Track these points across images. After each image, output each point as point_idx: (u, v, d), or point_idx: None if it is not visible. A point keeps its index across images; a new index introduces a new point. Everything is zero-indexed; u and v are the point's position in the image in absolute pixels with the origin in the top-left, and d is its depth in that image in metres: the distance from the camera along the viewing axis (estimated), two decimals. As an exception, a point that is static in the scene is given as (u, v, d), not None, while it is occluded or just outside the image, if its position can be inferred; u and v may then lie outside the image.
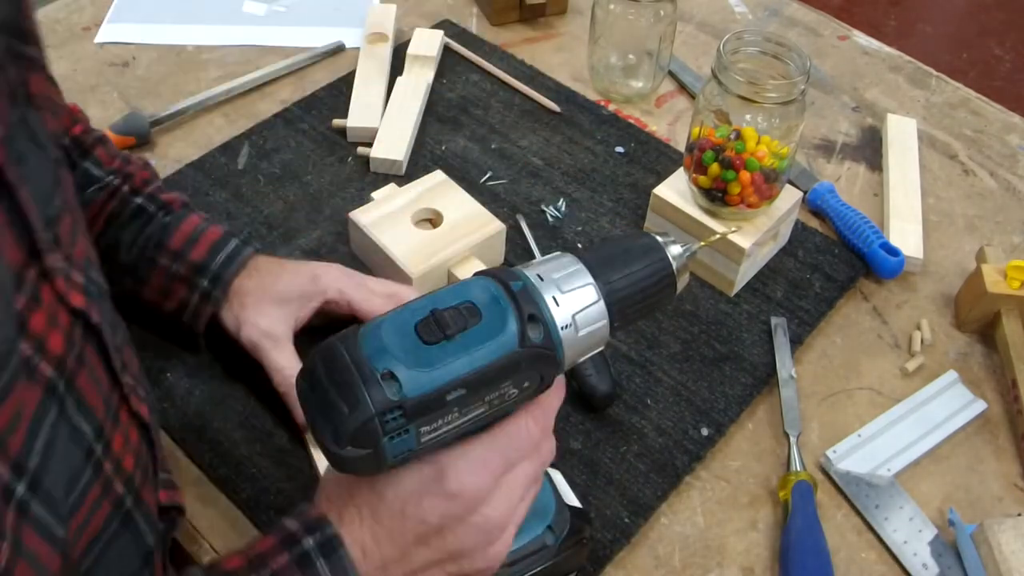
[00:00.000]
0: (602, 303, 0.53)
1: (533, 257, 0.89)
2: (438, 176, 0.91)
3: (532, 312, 0.52)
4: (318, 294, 0.76)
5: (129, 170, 0.78)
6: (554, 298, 0.52)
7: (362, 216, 0.87)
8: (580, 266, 0.54)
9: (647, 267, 0.55)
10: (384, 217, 0.87)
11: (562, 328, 0.52)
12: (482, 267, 0.82)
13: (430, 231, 0.87)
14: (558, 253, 0.55)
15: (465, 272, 0.83)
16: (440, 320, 0.51)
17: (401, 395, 0.49)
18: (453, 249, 0.85)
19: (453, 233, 0.86)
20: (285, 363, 0.73)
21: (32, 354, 0.46)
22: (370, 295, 0.77)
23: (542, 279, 0.53)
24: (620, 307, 0.54)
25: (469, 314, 0.51)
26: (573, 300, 0.53)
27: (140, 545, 0.56)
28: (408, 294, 0.77)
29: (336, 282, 0.77)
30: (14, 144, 0.49)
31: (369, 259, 0.88)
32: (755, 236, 0.85)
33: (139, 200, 0.76)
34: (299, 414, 0.72)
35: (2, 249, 0.46)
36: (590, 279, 0.53)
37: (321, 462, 0.73)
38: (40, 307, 0.48)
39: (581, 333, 0.53)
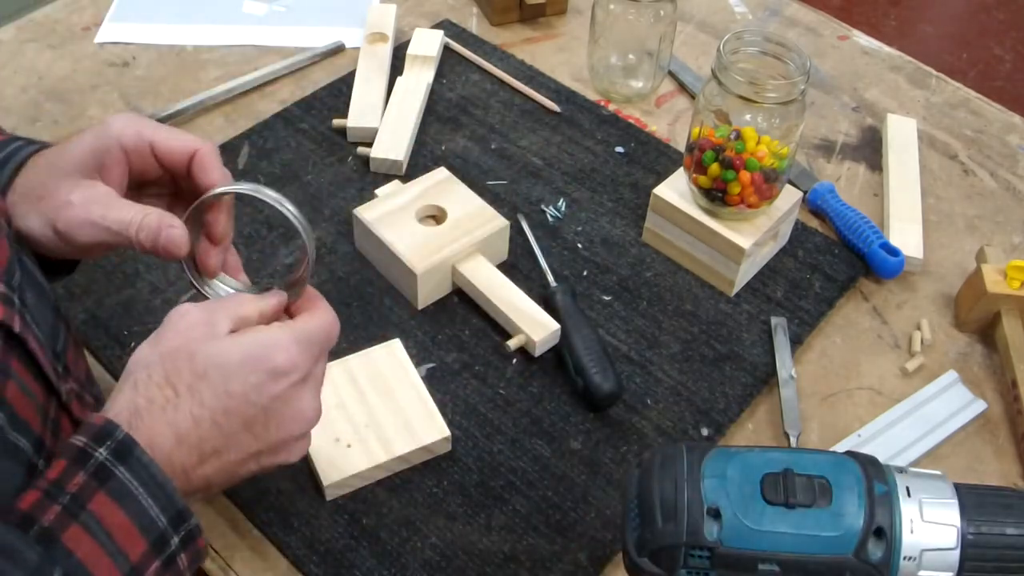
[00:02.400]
0: (957, 553, 0.48)
1: (535, 258, 0.89)
2: (441, 173, 0.92)
3: (882, 526, 0.48)
4: (113, 142, 0.61)
5: None
6: (911, 521, 0.48)
7: (366, 213, 0.88)
8: (953, 500, 0.49)
9: None
10: (388, 214, 0.88)
11: (904, 558, 0.48)
12: (487, 264, 0.83)
13: (434, 228, 0.87)
14: (938, 474, 0.50)
15: (470, 269, 0.84)
16: (789, 483, 0.48)
17: (717, 538, 0.47)
18: (457, 245, 0.85)
19: (457, 230, 0.86)
20: (123, 212, 0.59)
21: None
22: (174, 133, 0.62)
23: (909, 495, 0.49)
24: (974, 564, 0.48)
25: (820, 492, 0.48)
26: (929, 535, 0.48)
27: None
28: (210, 145, 0.62)
29: (131, 124, 0.61)
30: None
31: (373, 255, 0.89)
32: (755, 236, 0.85)
33: None
34: (166, 240, 0.58)
35: None
36: (957, 521, 0.48)
37: (318, 460, 0.72)
38: None
39: (920, 574, 0.48)
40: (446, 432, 0.75)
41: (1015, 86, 2.56)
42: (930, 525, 0.48)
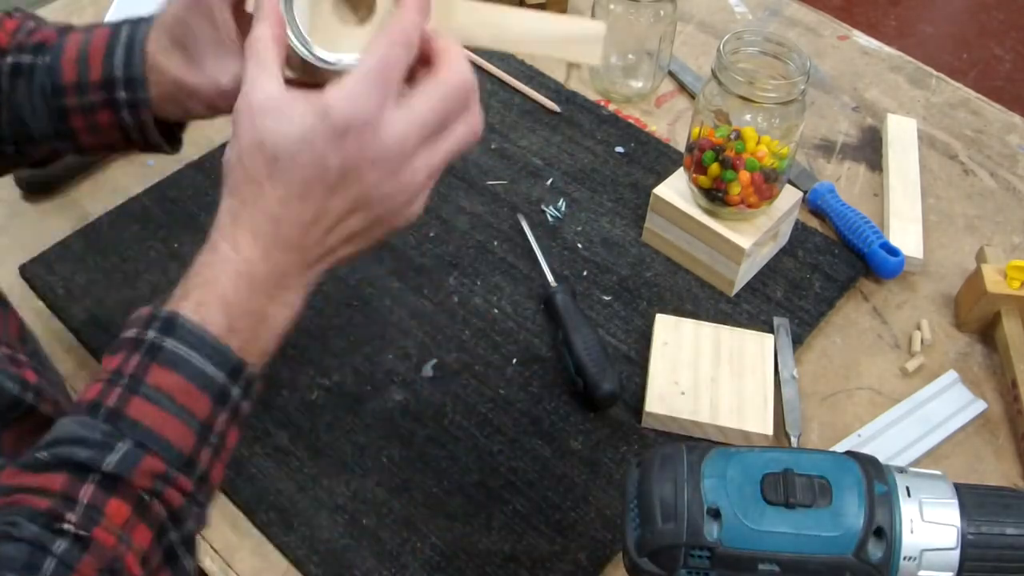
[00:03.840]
0: (957, 553, 0.48)
1: (535, 258, 0.89)
2: None
3: (882, 526, 0.48)
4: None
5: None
6: (911, 521, 0.48)
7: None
8: (953, 500, 0.49)
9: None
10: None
11: (904, 558, 0.48)
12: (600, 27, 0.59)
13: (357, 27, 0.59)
14: (938, 474, 0.50)
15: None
16: (789, 484, 0.48)
17: (717, 538, 0.47)
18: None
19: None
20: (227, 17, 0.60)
21: None
22: None
23: (909, 494, 0.49)
24: (974, 564, 0.48)
25: (820, 492, 0.48)
26: (929, 535, 0.48)
27: None
28: None
29: None
30: None
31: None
32: (755, 236, 0.85)
33: (10, 59, 0.66)
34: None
35: None
36: (957, 521, 0.48)
37: (652, 387, 0.78)
38: None
39: (920, 574, 0.48)
40: (769, 431, 0.77)
41: (1015, 86, 2.56)
42: (930, 525, 0.48)
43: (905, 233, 0.94)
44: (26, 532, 0.45)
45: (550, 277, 0.87)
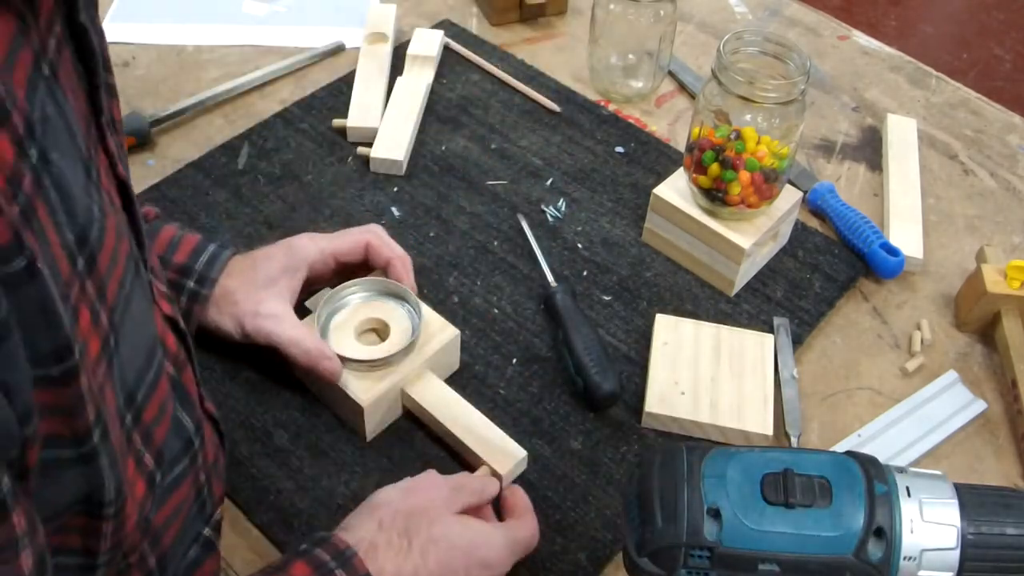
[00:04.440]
0: (957, 553, 0.48)
1: (536, 258, 0.89)
2: (378, 279, 0.80)
3: (882, 526, 0.48)
4: (301, 262, 0.78)
5: None
6: (911, 521, 0.48)
7: None
8: (953, 500, 0.49)
9: None
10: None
11: (904, 558, 0.48)
12: (438, 383, 0.76)
13: (377, 345, 0.77)
14: (938, 474, 0.50)
15: (419, 391, 0.76)
16: (789, 483, 0.48)
17: (717, 538, 0.47)
18: (405, 366, 0.76)
19: (403, 346, 0.76)
20: (294, 333, 0.74)
21: (161, 355, 0.54)
22: (347, 234, 0.80)
23: (909, 494, 0.49)
24: (974, 564, 0.48)
25: (820, 492, 0.48)
26: (929, 534, 0.48)
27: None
28: (377, 229, 0.81)
29: (312, 244, 0.79)
30: (122, 160, 0.54)
31: (312, 382, 0.78)
32: (755, 236, 0.85)
33: None
34: (323, 370, 0.73)
35: (140, 266, 0.52)
36: (957, 521, 0.48)
37: (651, 388, 0.79)
38: (157, 310, 0.55)
39: (920, 574, 0.48)
40: (769, 431, 0.77)
41: (1015, 86, 2.56)
42: (930, 525, 0.48)
43: (905, 233, 0.94)
44: None
45: (550, 277, 0.87)
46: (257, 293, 0.76)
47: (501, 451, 0.74)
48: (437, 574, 0.63)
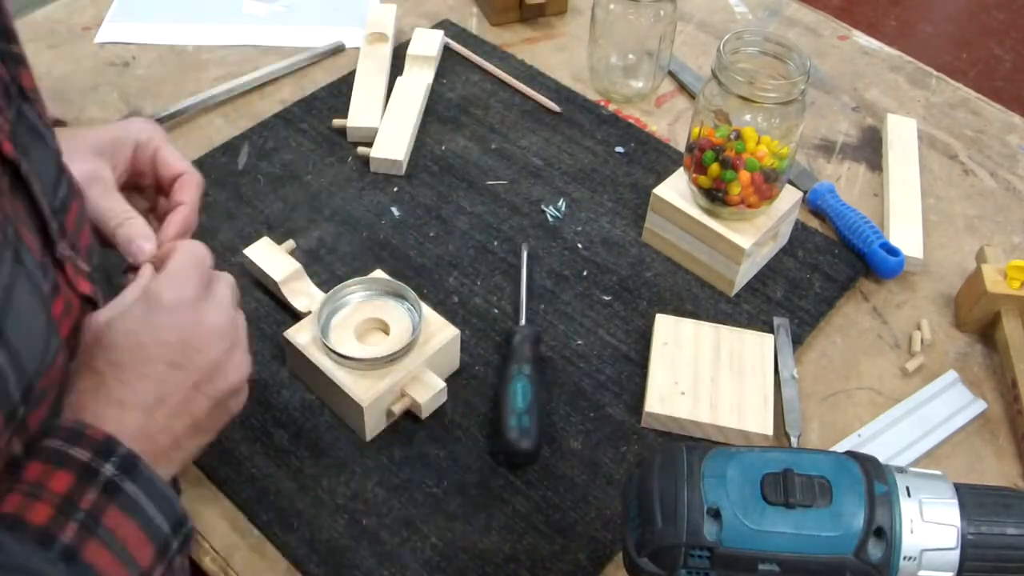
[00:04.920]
0: (957, 553, 0.48)
1: (519, 288, 0.86)
2: (378, 278, 0.81)
3: (882, 526, 0.48)
4: (129, 138, 0.70)
5: None
6: (911, 521, 0.48)
7: (299, 335, 0.78)
8: (953, 500, 0.49)
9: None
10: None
11: (904, 558, 0.48)
12: (437, 382, 0.75)
13: (377, 345, 0.78)
14: (938, 474, 0.50)
15: (418, 391, 0.75)
16: (789, 483, 0.48)
17: (717, 538, 0.47)
18: (405, 365, 0.76)
19: (403, 345, 0.76)
20: (115, 204, 0.66)
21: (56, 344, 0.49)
22: (175, 153, 0.71)
23: (909, 494, 0.49)
24: (974, 564, 0.48)
25: (820, 492, 0.48)
26: (929, 535, 0.48)
27: None
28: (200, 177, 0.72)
29: (145, 129, 0.71)
30: (18, 138, 0.50)
31: (311, 382, 0.79)
32: (755, 236, 0.85)
33: None
34: (135, 248, 0.65)
35: (27, 241, 0.48)
36: (957, 521, 0.48)
37: (651, 388, 0.78)
38: (58, 295, 0.51)
39: (920, 574, 0.48)
40: (769, 431, 0.77)
41: (1015, 86, 2.56)
42: (930, 525, 0.48)
43: (905, 233, 0.94)
44: None
45: (523, 316, 0.84)
46: (81, 154, 0.67)
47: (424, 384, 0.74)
48: (137, 360, 0.55)
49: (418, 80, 1.06)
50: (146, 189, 0.73)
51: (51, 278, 0.51)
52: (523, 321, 0.84)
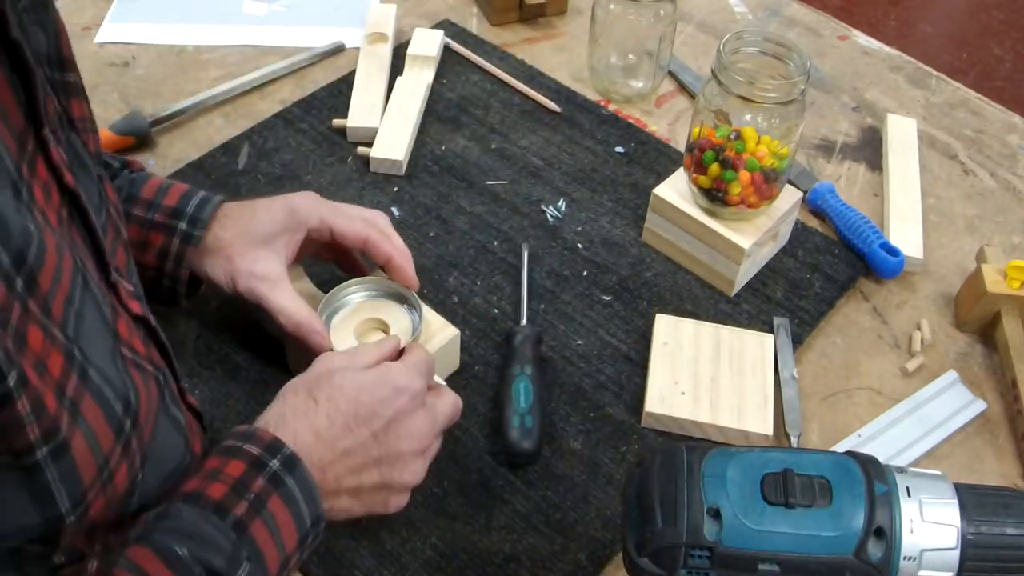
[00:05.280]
0: (957, 553, 0.48)
1: (519, 288, 0.86)
2: (378, 279, 0.80)
3: (882, 526, 0.48)
4: (300, 225, 0.76)
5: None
6: (911, 521, 0.48)
7: None
8: (953, 500, 0.49)
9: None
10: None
11: (904, 558, 0.48)
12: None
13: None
14: (938, 474, 0.50)
15: None
16: (789, 483, 0.48)
17: (717, 538, 0.47)
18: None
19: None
20: (287, 302, 0.73)
21: (130, 356, 0.53)
22: (349, 220, 0.77)
23: (909, 494, 0.49)
24: (974, 564, 0.48)
25: (820, 492, 0.48)
26: (929, 534, 0.48)
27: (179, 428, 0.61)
28: (381, 220, 0.78)
29: (315, 211, 0.76)
30: (73, 169, 0.53)
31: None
32: (755, 236, 0.85)
33: (104, 158, 0.75)
34: (312, 343, 0.73)
35: (89, 267, 0.52)
36: (957, 521, 0.48)
37: (651, 388, 0.79)
38: (119, 317, 0.54)
39: (920, 574, 0.48)
40: (769, 431, 0.76)
41: (1015, 86, 2.56)
42: (930, 525, 0.48)
43: (905, 233, 0.94)
44: None
45: (524, 316, 0.84)
46: (253, 250, 0.74)
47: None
48: (351, 412, 0.62)
49: (418, 80, 1.06)
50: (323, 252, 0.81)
51: (109, 302, 0.54)
52: (524, 321, 0.84)
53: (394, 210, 0.94)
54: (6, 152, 0.46)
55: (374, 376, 0.64)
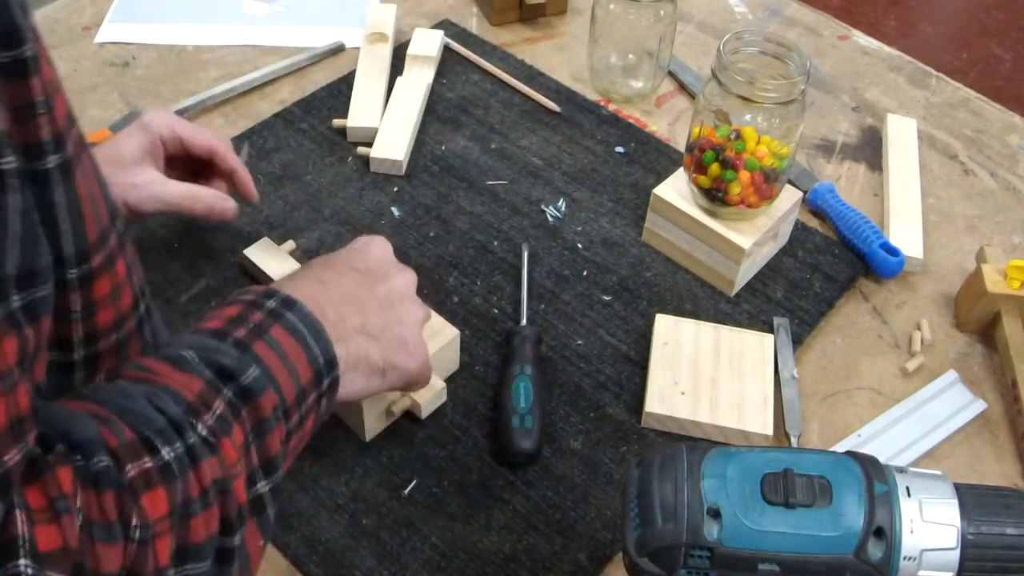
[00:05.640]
0: (957, 553, 0.48)
1: (520, 288, 0.86)
2: None
3: (882, 526, 0.48)
4: (155, 137, 0.80)
5: None
6: (911, 521, 0.48)
7: None
8: (953, 500, 0.49)
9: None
10: None
11: (904, 558, 0.48)
12: (438, 382, 0.75)
13: None
14: (938, 474, 0.50)
15: (419, 391, 0.74)
16: (790, 484, 0.48)
17: (717, 538, 0.48)
18: None
19: None
20: (185, 188, 0.79)
21: None
22: (196, 129, 0.82)
23: (909, 494, 0.49)
24: (974, 564, 0.48)
25: (820, 492, 0.48)
26: (929, 535, 0.48)
27: None
28: (224, 147, 0.84)
29: (166, 122, 0.81)
30: None
31: None
32: (755, 236, 0.85)
33: None
34: (223, 210, 0.81)
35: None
36: (957, 521, 0.48)
37: (651, 388, 0.79)
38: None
39: (920, 574, 0.48)
40: (769, 431, 0.76)
41: (1015, 86, 2.56)
42: (930, 525, 0.48)
43: (905, 233, 0.94)
44: (170, 409, 0.47)
45: (524, 316, 0.84)
46: (126, 168, 0.78)
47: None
48: (343, 267, 0.66)
49: (418, 80, 1.06)
50: (179, 170, 0.84)
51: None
52: (524, 321, 0.84)
53: (394, 210, 0.94)
54: None
55: (353, 245, 0.70)
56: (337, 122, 1.01)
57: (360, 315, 0.63)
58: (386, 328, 0.65)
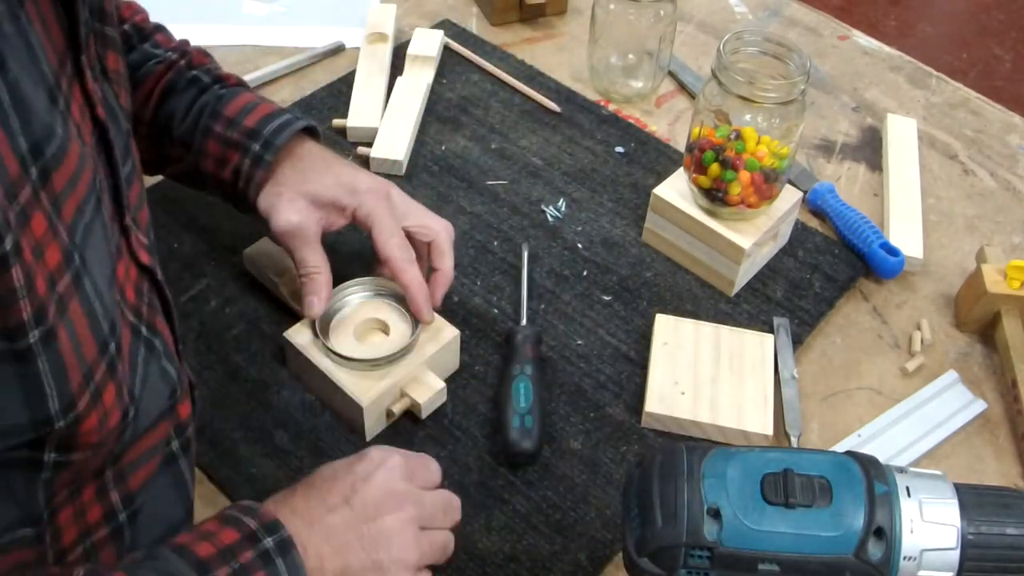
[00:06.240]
0: (957, 553, 0.48)
1: (519, 288, 0.86)
2: (378, 279, 0.81)
3: (882, 526, 0.48)
4: (350, 210, 0.77)
5: (187, 49, 0.83)
6: (911, 521, 0.48)
7: (299, 335, 0.77)
8: (954, 500, 0.49)
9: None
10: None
11: (904, 558, 0.48)
12: (437, 382, 0.76)
13: (377, 345, 0.78)
14: (938, 474, 0.50)
15: (417, 391, 0.76)
16: (790, 484, 0.48)
17: (717, 538, 0.48)
18: (405, 365, 0.76)
19: (403, 346, 0.76)
20: (314, 261, 0.76)
21: (119, 299, 0.53)
22: (389, 235, 0.77)
23: (909, 494, 0.49)
24: (974, 564, 0.48)
25: (820, 492, 0.48)
26: (929, 535, 0.48)
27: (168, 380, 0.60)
28: (441, 236, 0.79)
29: (372, 208, 0.77)
30: (106, 108, 0.54)
31: (311, 382, 0.79)
32: (755, 236, 0.85)
33: (195, 72, 0.80)
34: (307, 302, 0.76)
35: (105, 199, 0.52)
36: (957, 521, 0.48)
37: (651, 388, 0.78)
38: (121, 258, 0.56)
39: (920, 574, 0.48)
40: (769, 431, 0.76)
41: (1015, 86, 2.56)
42: (930, 525, 0.48)
43: (905, 233, 0.94)
44: None
45: (524, 316, 0.84)
46: (301, 203, 0.76)
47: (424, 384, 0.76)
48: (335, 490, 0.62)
49: (418, 80, 1.06)
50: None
51: (116, 241, 0.55)
52: (523, 321, 0.84)
53: (394, 210, 0.94)
54: (45, 59, 0.48)
55: (347, 460, 0.65)
56: (337, 122, 1.01)
57: (340, 557, 0.60)
58: (364, 572, 0.62)
